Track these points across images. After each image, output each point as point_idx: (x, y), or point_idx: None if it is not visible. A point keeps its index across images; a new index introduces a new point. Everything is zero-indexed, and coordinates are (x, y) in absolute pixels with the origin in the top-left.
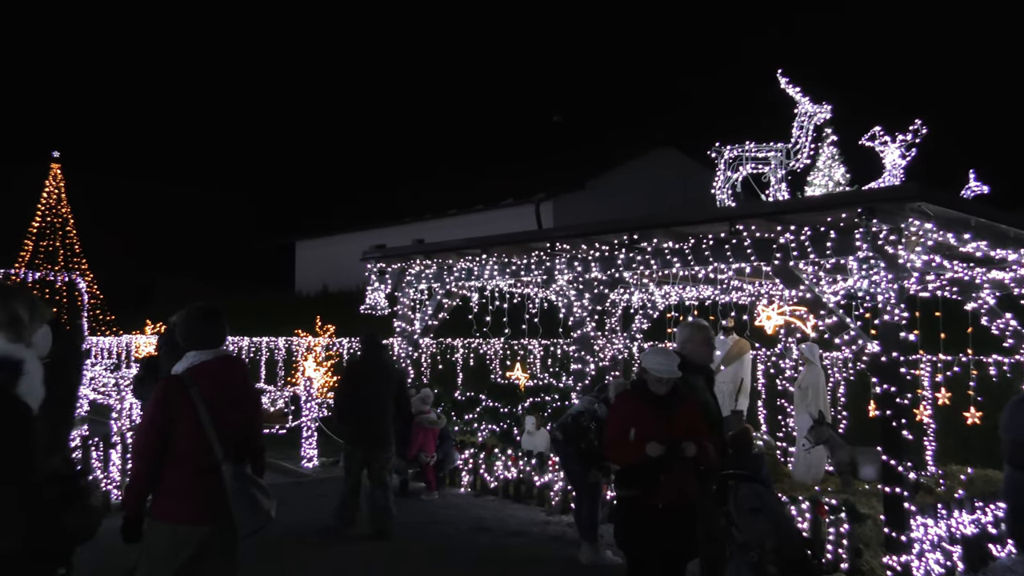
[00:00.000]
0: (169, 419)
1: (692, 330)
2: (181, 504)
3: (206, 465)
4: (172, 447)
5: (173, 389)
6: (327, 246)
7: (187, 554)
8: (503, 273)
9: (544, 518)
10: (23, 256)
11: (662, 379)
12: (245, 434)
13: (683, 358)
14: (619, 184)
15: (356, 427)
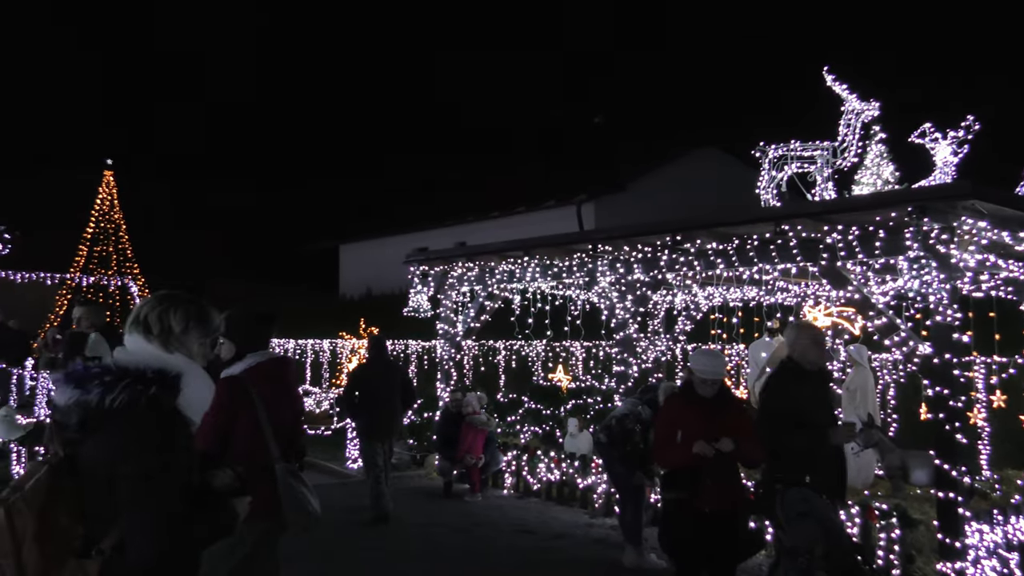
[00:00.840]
0: (230, 418)
1: (798, 332)
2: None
3: (263, 463)
4: (232, 446)
5: (237, 389)
6: (370, 249)
7: (243, 552)
8: (545, 275)
9: (587, 521)
10: (78, 261)
11: (707, 380)
12: (293, 434)
13: (794, 363)
14: (661, 185)
15: (368, 421)
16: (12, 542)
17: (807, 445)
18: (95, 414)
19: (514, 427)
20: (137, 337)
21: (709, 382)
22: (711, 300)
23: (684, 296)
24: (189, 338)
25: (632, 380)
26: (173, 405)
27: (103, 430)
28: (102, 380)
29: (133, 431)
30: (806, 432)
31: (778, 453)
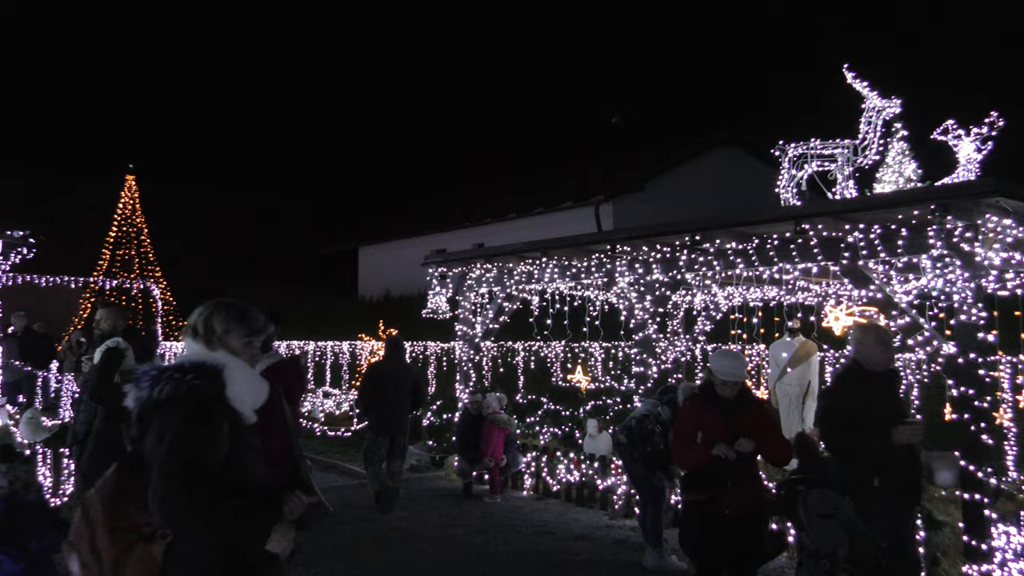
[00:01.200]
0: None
1: (863, 332)
2: None
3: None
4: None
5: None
6: (389, 251)
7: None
8: (563, 276)
9: (607, 522)
10: (101, 265)
11: (728, 383)
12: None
13: (858, 364)
14: (680, 185)
15: (377, 417)
16: (87, 529)
17: (869, 446)
18: (147, 406)
19: (533, 428)
20: (188, 340)
21: (730, 384)
22: (731, 300)
23: (704, 296)
24: (230, 337)
25: (652, 381)
26: (214, 394)
27: (154, 419)
28: (151, 377)
29: (174, 413)
30: (867, 433)
31: (841, 453)
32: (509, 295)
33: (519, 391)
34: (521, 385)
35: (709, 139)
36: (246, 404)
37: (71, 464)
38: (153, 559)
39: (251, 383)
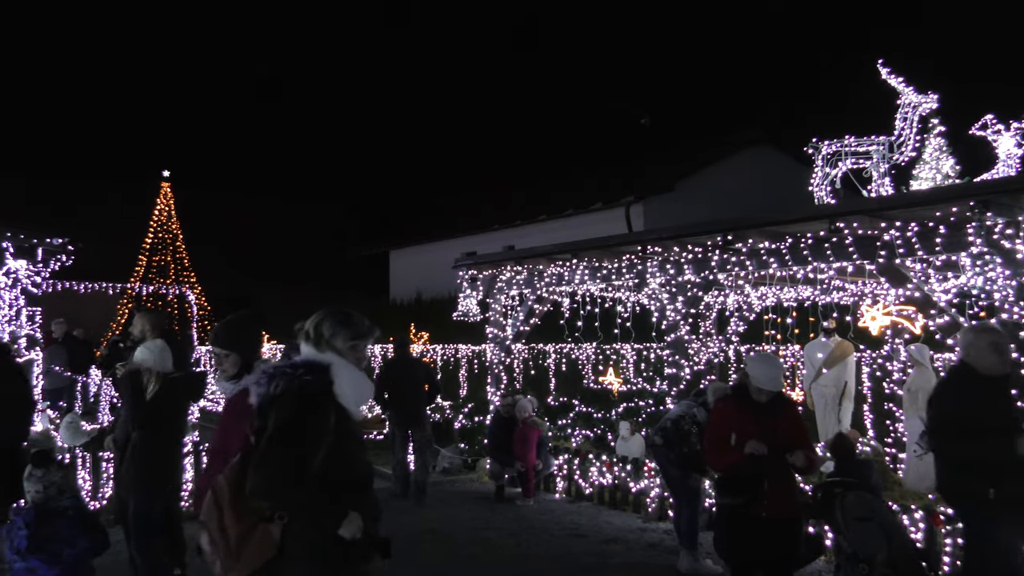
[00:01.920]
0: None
1: (975, 335)
2: None
3: None
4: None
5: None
6: (419, 254)
7: None
8: (594, 277)
9: (640, 525)
10: (137, 271)
11: (763, 390)
12: None
13: (968, 367)
14: (711, 184)
15: (397, 412)
16: (216, 510)
17: (984, 456)
18: (267, 401)
19: (565, 431)
20: (302, 343)
21: (765, 392)
22: (764, 300)
23: (736, 297)
24: (336, 340)
25: (684, 382)
26: (323, 389)
27: (271, 412)
28: (269, 375)
29: (287, 405)
30: (982, 441)
31: (954, 464)
32: (540, 297)
33: (550, 393)
34: (552, 387)
35: (740, 138)
36: (351, 400)
37: (110, 468)
38: (272, 538)
39: (356, 381)
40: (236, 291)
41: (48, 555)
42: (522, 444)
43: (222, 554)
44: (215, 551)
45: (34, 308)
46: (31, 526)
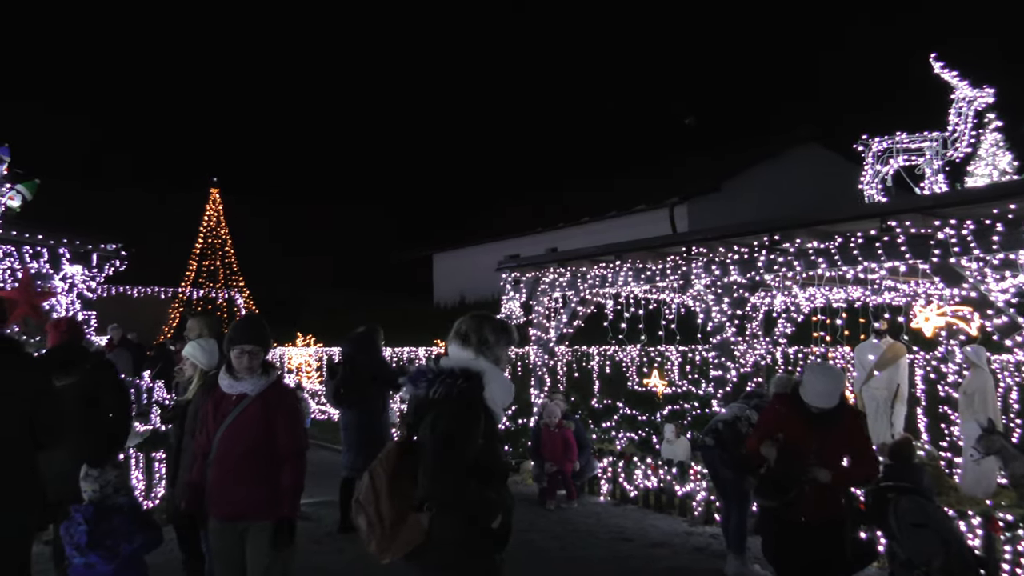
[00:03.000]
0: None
1: None
2: None
3: None
4: None
5: None
6: (463, 257)
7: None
8: (638, 279)
9: (687, 529)
10: (188, 275)
11: (815, 406)
12: None
13: None
14: (757, 184)
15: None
16: (373, 495)
17: None
18: (422, 403)
19: (609, 433)
20: (456, 345)
21: (817, 407)
22: (812, 301)
23: (784, 297)
24: (499, 347)
25: (730, 385)
26: (476, 395)
27: (428, 413)
28: (427, 379)
29: (445, 410)
30: None
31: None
32: (583, 299)
33: (594, 396)
34: (596, 390)
35: (787, 137)
36: (499, 404)
37: (162, 468)
38: (421, 525)
39: (505, 387)
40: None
41: (106, 551)
42: (551, 446)
43: (378, 536)
44: (371, 533)
45: (89, 312)
46: (90, 522)
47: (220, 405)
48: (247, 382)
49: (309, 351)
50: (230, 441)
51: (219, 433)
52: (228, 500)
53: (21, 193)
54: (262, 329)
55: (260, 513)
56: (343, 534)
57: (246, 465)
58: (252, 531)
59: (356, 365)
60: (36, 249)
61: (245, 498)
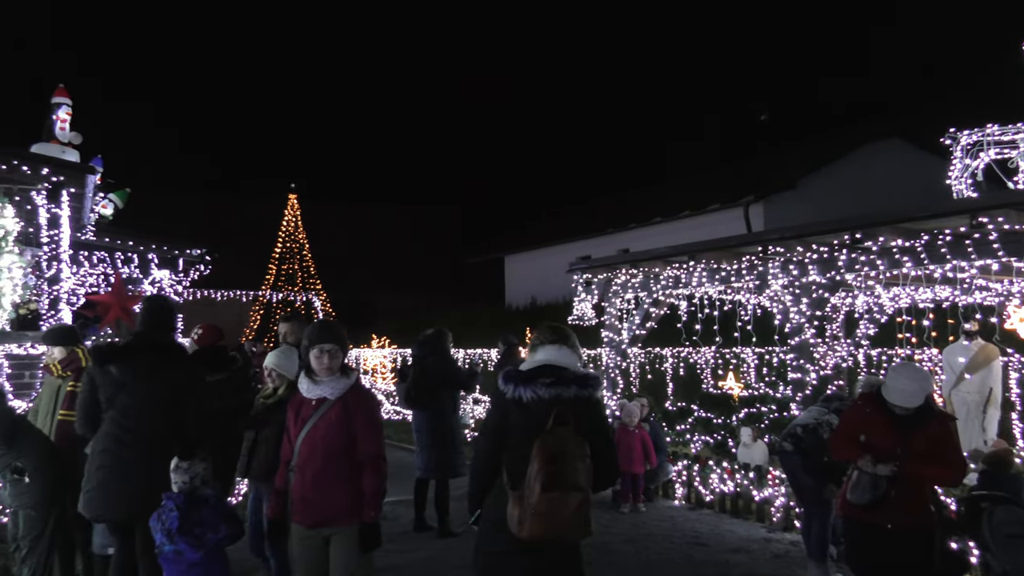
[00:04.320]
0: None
1: None
2: None
3: None
4: None
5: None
6: (534, 259)
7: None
8: (712, 280)
9: (765, 535)
10: (267, 279)
11: (899, 407)
12: None
13: None
14: (835, 181)
15: None
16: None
17: None
18: (582, 400)
19: (683, 436)
20: (567, 351)
21: (901, 407)
22: (897, 301)
23: (866, 298)
24: (578, 347)
25: (810, 388)
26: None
27: (590, 411)
28: (591, 383)
29: (602, 408)
30: None
31: None
32: (656, 300)
33: (668, 398)
34: (670, 392)
35: (867, 131)
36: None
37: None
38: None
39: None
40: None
41: (194, 539)
42: (627, 448)
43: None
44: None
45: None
46: (181, 508)
47: (300, 410)
48: (326, 385)
49: (383, 352)
50: (311, 447)
51: (300, 439)
52: (310, 507)
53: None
54: (339, 329)
55: (342, 519)
56: (417, 533)
57: (327, 471)
58: (335, 537)
59: (426, 368)
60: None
61: (327, 504)
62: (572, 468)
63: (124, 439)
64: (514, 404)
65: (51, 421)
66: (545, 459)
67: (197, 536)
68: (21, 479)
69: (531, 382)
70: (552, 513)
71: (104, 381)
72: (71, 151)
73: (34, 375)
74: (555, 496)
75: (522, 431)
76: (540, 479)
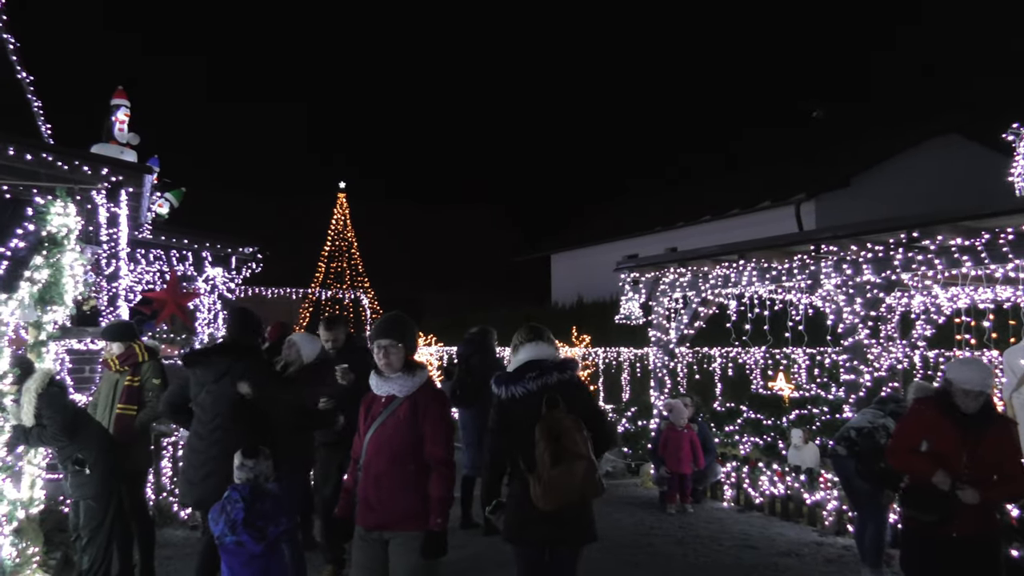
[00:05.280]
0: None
1: None
2: None
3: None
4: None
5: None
6: (580, 258)
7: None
8: (762, 279)
9: (816, 538)
10: (317, 277)
11: (971, 393)
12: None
13: None
14: (890, 179)
15: None
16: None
17: None
18: (564, 383)
19: (732, 437)
20: (545, 345)
21: (973, 394)
22: (955, 302)
23: (923, 298)
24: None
25: (864, 389)
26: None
27: (577, 393)
28: (569, 368)
29: (585, 388)
30: None
31: None
32: (704, 299)
33: (716, 398)
34: (719, 392)
35: (924, 127)
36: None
37: None
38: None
39: None
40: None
41: (256, 531)
42: (675, 448)
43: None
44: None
45: (228, 312)
46: (246, 500)
47: (371, 407)
48: (395, 382)
49: (431, 350)
50: (376, 446)
51: (368, 436)
52: (371, 508)
53: (169, 200)
54: (398, 324)
55: (403, 523)
56: (464, 530)
57: (390, 472)
58: (394, 541)
59: (471, 366)
60: (182, 252)
61: (388, 507)
62: (572, 440)
63: (201, 433)
64: (510, 401)
65: (109, 414)
66: (548, 439)
67: (259, 529)
68: (82, 470)
69: (519, 379)
70: (565, 483)
71: (193, 381)
72: (129, 151)
73: (94, 370)
74: (564, 469)
75: (524, 422)
76: (548, 456)
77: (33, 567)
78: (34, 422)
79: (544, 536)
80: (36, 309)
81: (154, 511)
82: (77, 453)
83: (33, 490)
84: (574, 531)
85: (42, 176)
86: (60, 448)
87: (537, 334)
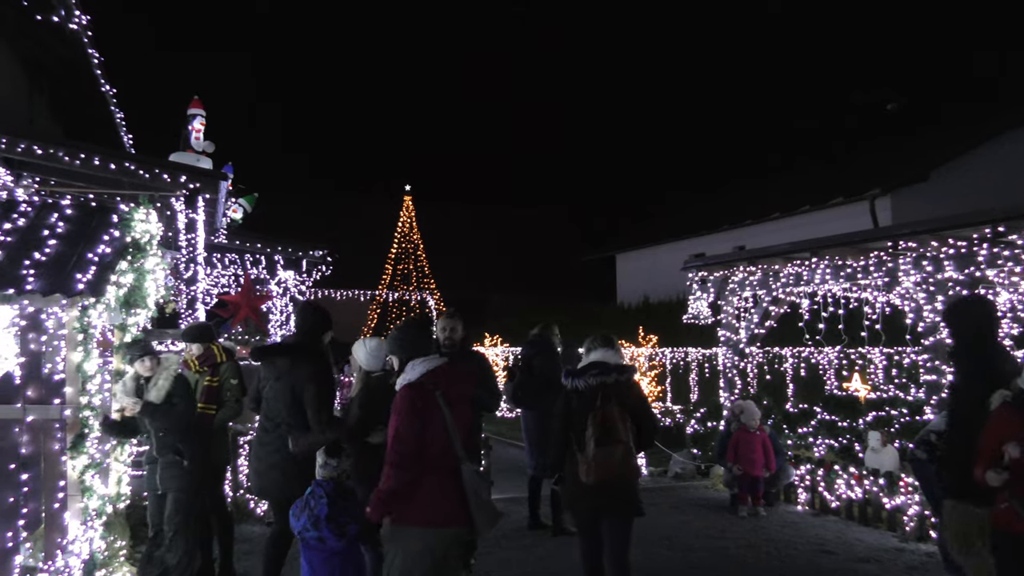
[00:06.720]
0: (422, 424)
1: None
2: (435, 507)
3: (452, 466)
4: (423, 451)
5: (419, 395)
6: (646, 257)
7: (440, 554)
8: (836, 277)
9: (896, 544)
10: (384, 279)
11: None
12: (470, 434)
13: None
14: (972, 172)
15: None
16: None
17: None
18: (616, 384)
19: (806, 439)
20: (611, 351)
21: None
22: None
23: (1010, 295)
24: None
25: (945, 391)
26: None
27: (629, 391)
28: (609, 370)
29: (638, 390)
30: None
31: None
32: (775, 298)
33: (788, 400)
34: (791, 393)
35: (1009, 117)
36: None
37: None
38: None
39: None
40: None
41: (337, 527)
42: (747, 450)
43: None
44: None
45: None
46: (330, 496)
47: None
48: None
49: (496, 351)
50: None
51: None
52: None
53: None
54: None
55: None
56: (531, 530)
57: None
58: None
59: (533, 368)
60: (255, 256)
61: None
62: (614, 428)
63: (266, 426)
64: (573, 393)
65: None
66: (597, 426)
67: (341, 525)
68: (181, 460)
69: (583, 375)
70: (604, 461)
71: (260, 375)
72: (205, 159)
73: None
74: (604, 449)
75: (581, 409)
76: (593, 438)
77: (120, 559)
78: (164, 400)
79: (591, 505)
80: (121, 312)
81: (232, 507)
82: (178, 443)
83: (120, 486)
84: (619, 502)
85: (125, 184)
86: (164, 435)
87: (608, 342)
